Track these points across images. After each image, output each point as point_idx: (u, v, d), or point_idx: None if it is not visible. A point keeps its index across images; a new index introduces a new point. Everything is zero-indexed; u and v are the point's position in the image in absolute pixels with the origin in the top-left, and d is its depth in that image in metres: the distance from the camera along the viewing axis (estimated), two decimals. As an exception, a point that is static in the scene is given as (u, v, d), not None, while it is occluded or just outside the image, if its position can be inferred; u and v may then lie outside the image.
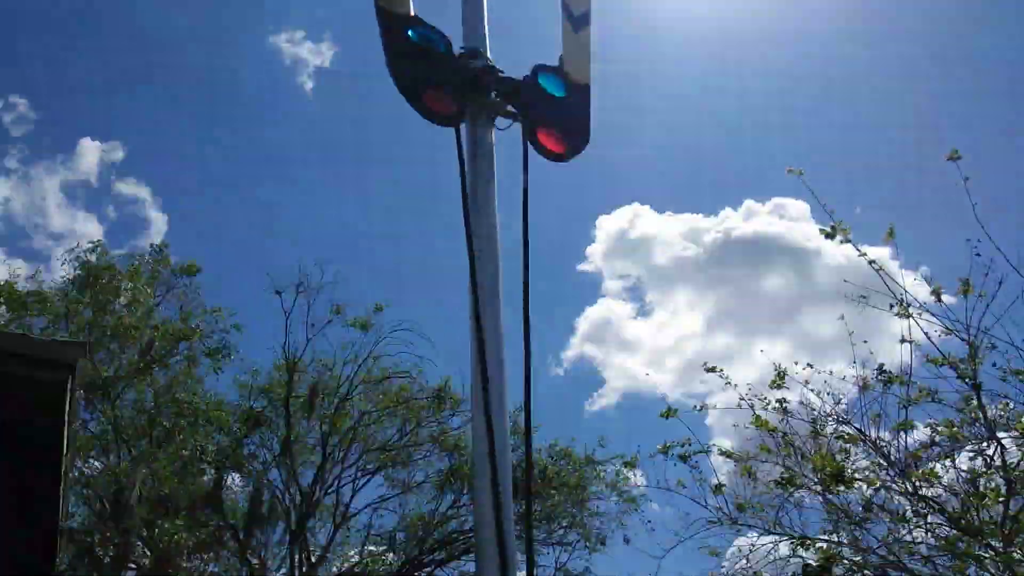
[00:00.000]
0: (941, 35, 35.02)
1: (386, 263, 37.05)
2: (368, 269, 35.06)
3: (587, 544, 21.40)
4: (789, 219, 32.81)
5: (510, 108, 3.17)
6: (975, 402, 7.70)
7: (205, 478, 20.36)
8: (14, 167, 31.92)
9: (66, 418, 6.86)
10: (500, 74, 3.14)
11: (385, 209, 39.28)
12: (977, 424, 7.86)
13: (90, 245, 19.69)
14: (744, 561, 9.34)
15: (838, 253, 31.59)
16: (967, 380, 7.57)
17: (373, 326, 20.13)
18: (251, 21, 38.59)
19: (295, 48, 37.75)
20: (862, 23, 36.70)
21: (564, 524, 21.57)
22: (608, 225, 37.28)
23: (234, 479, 21.57)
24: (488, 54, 3.21)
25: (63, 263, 19.57)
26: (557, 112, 3.24)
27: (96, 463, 19.81)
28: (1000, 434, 7.68)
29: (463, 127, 3.10)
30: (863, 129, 37.98)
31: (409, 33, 3.07)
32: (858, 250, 7.68)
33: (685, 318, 35.62)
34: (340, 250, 39.85)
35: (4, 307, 18.59)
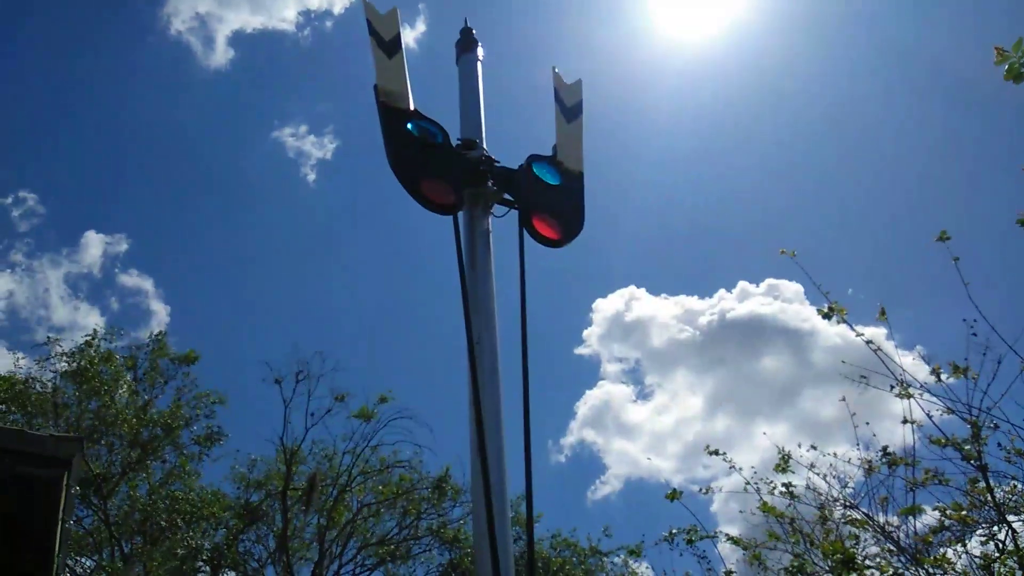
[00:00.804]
0: (930, 115, 36.03)
1: (386, 349, 37.07)
2: (368, 355, 35.08)
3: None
4: (783, 300, 33.02)
5: (507, 196, 3.28)
6: (982, 484, 7.57)
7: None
8: (19, 260, 32.26)
9: (60, 515, 6.74)
10: (496, 164, 3.27)
11: (385, 296, 39.58)
12: (986, 507, 7.72)
13: (86, 337, 19.68)
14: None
15: (834, 333, 31.77)
16: (972, 462, 7.46)
17: (376, 415, 19.94)
18: (256, 116, 39.78)
19: (298, 142, 38.77)
20: (850, 103, 37.82)
21: (569, 619, 20.86)
22: (604, 308, 37.37)
23: (229, 577, 20.95)
24: (484, 145, 3.34)
25: (51, 355, 19.42)
26: (552, 200, 3.34)
27: (88, 561, 19.30)
28: (1010, 517, 7.52)
29: (461, 215, 3.19)
30: (853, 208, 38.67)
31: (409, 126, 3.20)
32: (854, 330, 7.70)
33: (685, 400, 35.42)
34: (340, 337, 39.90)
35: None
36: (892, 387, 7.66)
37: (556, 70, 3.62)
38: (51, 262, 35.26)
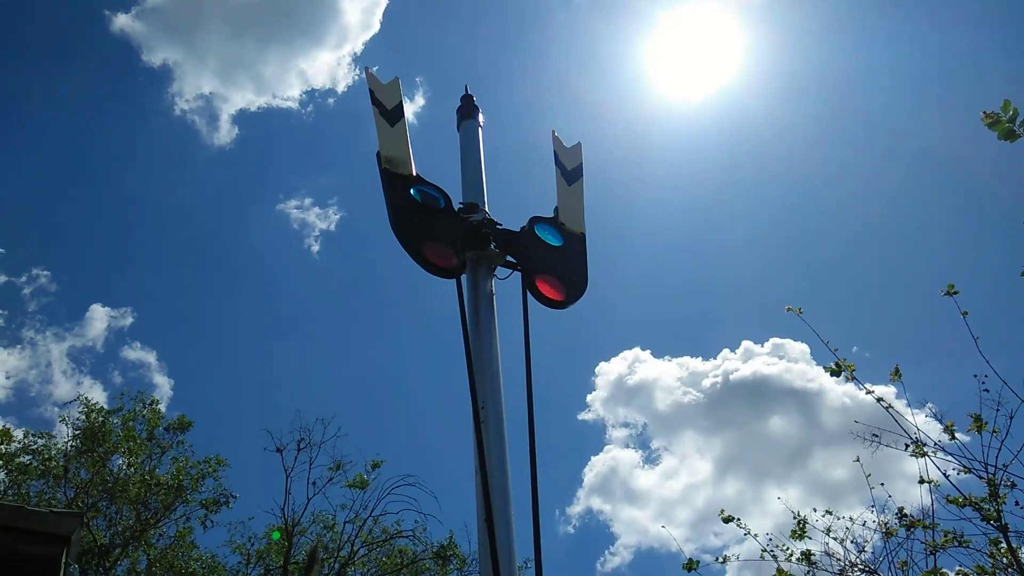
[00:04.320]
0: (936, 160, 36.38)
1: (391, 416, 36.74)
2: (372, 423, 34.74)
3: None
4: (789, 360, 32.68)
5: (509, 258, 3.26)
6: (1004, 545, 7.36)
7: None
8: (30, 336, 32.25)
9: (58, 592, 6.58)
10: (498, 226, 3.26)
11: (389, 364, 39.39)
12: (1010, 569, 7.49)
13: (83, 408, 19.64)
14: None
15: (842, 393, 31.41)
16: (992, 522, 7.27)
17: (370, 483, 19.54)
18: (261, 190, 40.31)
19: (303, 214, 39.00)
20: (844, 161, 38.24)
21: None
22: (608, 371, 36.59)
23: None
24: (486, 208, 3.35)
25: (60, 420, 19.56)
26: (554, 261, 3.33)
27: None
28: (1035, 579, 7.29)
29: (464, 278, 3.17)
30: (853, 265, 38.74)
31: (411, 192, 3.22)
32: (864, 388, 7.60)
33: (693, 464, 34.76)
34: (345, 405, 39.60)
35: (2, 472, 18.41)
36: (906, 446, 7.54)
37: (555, 134, 3.66)
38: (55, 336, 35.25)
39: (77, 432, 19.18)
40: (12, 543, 6.31)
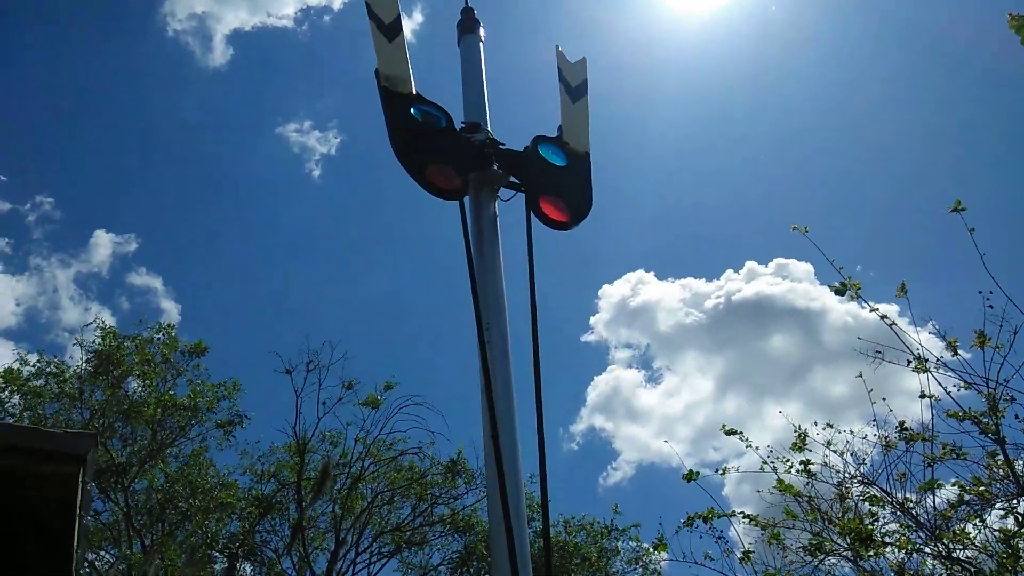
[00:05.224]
0: (935, 88, 35.62)
1: (396, 338, 37.14)
2: (378, 345, 35.17)
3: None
4: (792, 279, 32.86)
5: (513, 179, 3.21)
6: (1001, 457, 7.51)
7: (217, 566, 19.96)
8: (38, 264, 32.37)
9: (78, 511, 6.77)
10: (501, 146, 3.20)
11: (394, 286, 39.63)
12: (1006, 480, 7.65)
13: (99, 331, 19.86)
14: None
15: (844, 312, 31.68)
16: (990, 435, 7.39)
17: (383, 403, 19.93)
18: (259, 113, 39.80)
19: (303, 137, 38.62)
20: (856, 77, 37.43)
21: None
22: (611, 294, 37.22)
23: (246, 569, 21.13)
24: (489, 127, 3.28)
25: (73, 343, 19.90)
26: (558, 181, 3.27)
27: (107, 555, 19.52)
28: (1030, 490, 7.46)
29: (467, 200, 3.13)
30: (858, 184, 38.35)
31: (412, 111, 3.14)
32: (869, 306, 7.62)
33: (694, 383, 35.40)
34: (350, 327, 39.99)
35: (17, 396, 18.75)
36: (909, 362, 7.59)
37: (560, 49, 3.55)
38: (61, 263, 35.35)
39: (91, 355, 19.45)
40: (28, 463, 6.45)
